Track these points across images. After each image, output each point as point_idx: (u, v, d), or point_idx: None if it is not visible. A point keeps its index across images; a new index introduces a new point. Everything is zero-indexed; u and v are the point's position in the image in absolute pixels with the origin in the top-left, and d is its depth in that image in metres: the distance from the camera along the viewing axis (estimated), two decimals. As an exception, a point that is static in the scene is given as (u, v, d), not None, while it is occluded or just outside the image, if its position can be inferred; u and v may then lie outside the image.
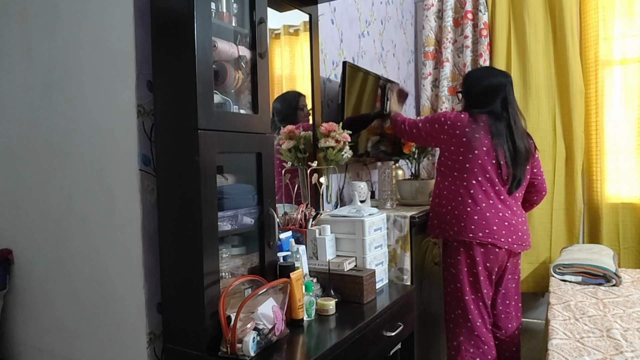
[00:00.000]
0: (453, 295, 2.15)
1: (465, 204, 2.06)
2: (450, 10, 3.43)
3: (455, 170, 2.09)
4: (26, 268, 1.75)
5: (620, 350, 1.68)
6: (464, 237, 2.05)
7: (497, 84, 2.11)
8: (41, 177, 1.66)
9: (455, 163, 2.08)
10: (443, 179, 2.16)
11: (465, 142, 2.04)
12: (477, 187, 2.05)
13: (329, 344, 1.33)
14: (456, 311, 2.14)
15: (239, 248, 1.44)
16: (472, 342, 2.10)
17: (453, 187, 2.10)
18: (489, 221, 2.04)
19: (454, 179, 2.10)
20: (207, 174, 1.25)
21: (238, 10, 1.44)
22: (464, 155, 2.06)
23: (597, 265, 2.50)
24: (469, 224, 2.04)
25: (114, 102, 1.43)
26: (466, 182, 2.07)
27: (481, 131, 2.04)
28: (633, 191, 3.03)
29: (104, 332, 1.52)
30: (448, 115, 2.10)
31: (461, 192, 2.07)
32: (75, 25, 1.52)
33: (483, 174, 2.05)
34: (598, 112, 3.08)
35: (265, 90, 1.45)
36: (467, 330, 2.11)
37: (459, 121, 2.06)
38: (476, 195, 2.05)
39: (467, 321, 2.10)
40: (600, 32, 3.04)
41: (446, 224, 2.11)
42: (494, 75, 2.17)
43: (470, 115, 2.07)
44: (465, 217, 2.05)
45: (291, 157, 1.91)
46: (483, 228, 2.03)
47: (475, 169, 2.05)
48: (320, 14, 2.28)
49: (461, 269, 2.10)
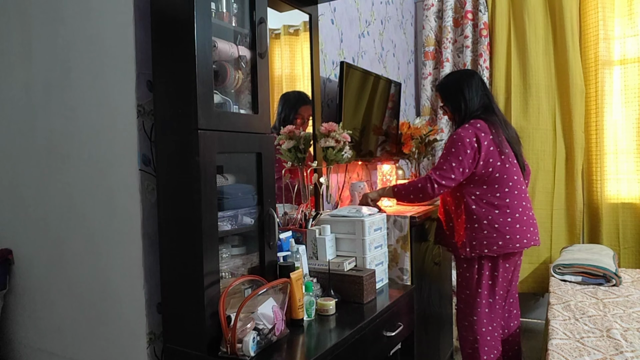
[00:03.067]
0: (467, 302, 2.17)
1: (503, 215, 2.06)
2: (450, 10, 3.43)
3: (485, 184, 2.08)
4: (26, 268, 1.75)
5: (620, 350, 1.68)
6: (510, 249, 2.06)
7: (473, 81, 2.17)
8: (41, 177, 1.66)
9: (483, 177, 2.07)
10: (469, 196, 2.09)
11: (489, 154, 2.05)
12: (509, 194, 2.07)
13: (329, 344, 1.33)
14: (472, 317, 2.15)
15: (239, 248, 1.44)
16: (487, 347, 2.14)
17: (485, 201, 2.07)
18: (527, 225, 2.09)
19: (483, 192, 2.08)
20: (207, 174, 1.25)
21: (238, 10, 1.44)
22: (492, 167, 2.06)
23: (597, 265, 2.50)
24: (513, 235, 2.05)
25: (114, 102, 1.43)
26: (499, 193, 2.07)
27: (489, 136, 2.07)
28: (633, 191, 3.03)
29: (104, 332, 1.52)
30: (465, 137, 2.04)
31: (496, 204, 2.06)
32: (75, 25, 1.52)
33: (512, 177, 2.08)
34: (598, 112, 3.08)
35: (265, 90, 1.45)
36: (481, 334, 2.14)
37: (475, 136, 2.05)
38: (511, 202, 2.07)
39: (482, 325, 2.13)
40: (600, 32, 3.03)
41: (487, 239, 2.05)
42: (465, 76, 2.21)
43: (471, 126, 2.08)
44: (509, 229, 2.05)
45: (291, 157, 1.91)
46: (524, 234, 2.07)
47: (505, 175, 2.07)
48: (320, 14, 2.28)
49: (494, 276, 2.12)
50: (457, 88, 2.17)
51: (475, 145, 2.03)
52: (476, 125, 2.08)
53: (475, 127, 2.07)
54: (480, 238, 2.06)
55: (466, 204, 2.09)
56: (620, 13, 3.05)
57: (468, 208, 2.09)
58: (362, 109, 2.49)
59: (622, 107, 3.07)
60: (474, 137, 2.04)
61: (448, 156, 2.05)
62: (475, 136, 2.04)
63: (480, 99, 2.15)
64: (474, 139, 2.04)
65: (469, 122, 2.11)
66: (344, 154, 2.00)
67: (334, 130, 1.95)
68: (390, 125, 2.89)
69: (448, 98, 2.21)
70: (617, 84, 3.08)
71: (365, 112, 2.53)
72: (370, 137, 2.63)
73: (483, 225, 2.06)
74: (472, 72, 2.26)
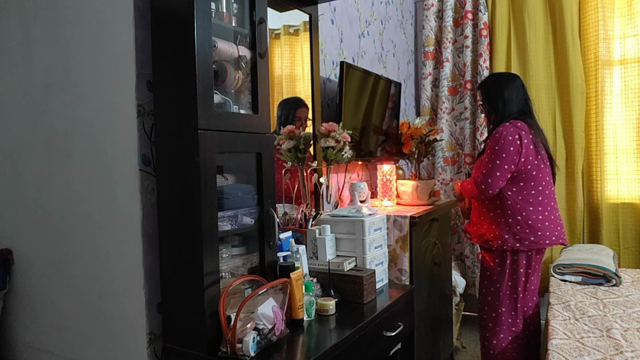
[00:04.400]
0: (495, 295, 2.29)
1: (536, 212, 2.17)
2: (450, 10, 3.43)
3: (522, 181, 2.18)
4: (26, 268, 1.75)
5: (620, 350, 1.68)
6: (541, 245, 2.18)
7: (514, 84, 2.27)
8: (41, 177, 1.66)
9: (521, 173, 2.17)
10: (505, 191, 2.20)
11: (528, 152, 2.15)
12: (542, 192, 2.19)
13: (329, 344, 1.33)
14: (500, 309, 2.27)
15: (239, 248, 1.44)
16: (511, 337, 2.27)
17: (521, 197, 2.18)
18: (555, 223, 2.21)
19: (519, 189, 2.19)
20: (207, 174, 1.25)
21: (238, 10, 1.44)
22: (531, 164, 2.17)
23: (597, 265, 2.50)
24: (544, 232, 2.17)
25: (114, 102, 1.43)
26: (534, 191, 2.18)
27: (529, 135, 2.17)
28: (633, 191, 3.03)
29: (104, 332, 1.52)
30: (507, 135, 2.15)
31: (531, 201, 2.17)
32: (75, 25, 1.52)
33: (545, 177, 2.20)
34: (598, 112, 3.08)
35: (265, 90, 1.45)
36: (507, 324, 2.27)
37: (517, 134, 2.15)
38: (543, 200, 2.19)
39: (509, 317, 2.26)
40: (600, 32, 3.03)
41: (520, 234, 2.18)
42: (506, 78, 2.32)
43: (512, 124, 2.18)
44: (540, 226, 2.17)
45: (291, 157, 1.91)
46: (553, 232, 2.19)
47: (540, 174, 2.18)
48: (320, 14, 2.28)
49: (521, 271, 2.23)
50: (497, 89, 2.28)
51: (518, 143, 2.14)
52: (516, 124, 2.19)
53: (516, 125, 2.18)
54: (514, 232, 2.18)
55: (502, 198, 2.21)
56: (620, 13, 3.05)
57: (503, 203, 2.20)
58: (362, 109, 2.49)
59: (622, 107, 3.07)
60: (516, 135, 2.15)
61: (492, 155, 2.18)
62: (517, 134, 2.15)
63: (519, 102, 2.26)
64: (517, 136, 2.14)
65: (508, 121, 2.21)
66: (344, 154, 2.00)
67: (334, 130, 1.95)
68: (390, 125, 2.89)
69: (487, 97, 2.31)
70: (617, 84, 3.08)
71: (365, 112, 2.53)
72: (370, 137, 2.63)
73: (517, 220, 2.18)
74: (515, 75, 2.35)
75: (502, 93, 2.26)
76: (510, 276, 2.25)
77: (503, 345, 2.27)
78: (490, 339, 2.32)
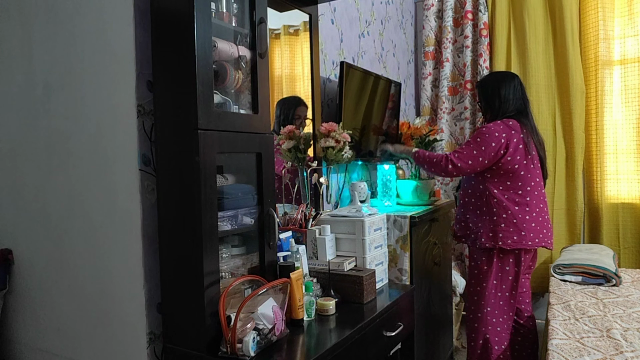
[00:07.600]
0: (481, 295, 2.26)
1: (523, 212, 2.15)
2: (450, 10, 3.43)
3: (509, 180, 2.16)
4: (26, 268, 1.75)
5: (620, 350, 1.68)
6: (523, 245, 2.14)
7: (512, 84, 2.25)
8: (41, 177, 1.66)
9: (508, 172, 2.15)
10: (492, 189, 2.19)
11: (517, 151, 2.13)
12: (530, 193, 2.16)
13: (329, 344, 1.33)
14: (485, 308, 2.24)
15: (239, 248, 1.44)
16: (497, 338, 2.24)
17: (507, 196, 2.16)
18: (542, 225, 2.18)
19: (506, 188, 2.17)
20: (207, 174, 1.25)
21: (238, 10, 1.44)
22: (519, 164, 2.14)
23: (597, 265, 2.50)
24: (529, 232, 2.14)
25: (114, 102, 1.43)
26: (522, 191, 2.16)
27: (519, 135, 2.15)
28: (633, 191, 3.03)
29: (104, 332, 1.52)
30: (494, 130, 2.14)
31: (517, 200, 2.15)
32: (75, 25, 1.52)
33: (534, 178, 2.17)
34: (598, 112, 3.08)
35: (265, 90, 1.45)
36: (492, 325, 2.24)
37: (505, 132, 2.13)
38: (531, 201, 2.16)
39: (494, 317, 2.23)
40: (600, 32, 3.04)
41: (503, 232, 2.16)
42: (504, 77, 2.29)
43: (503, 122, 2.17)
44: (526, 226, 2.14)
45: (291, 157, 1.91)
46: (538, 234, 2.16)
47: (528, 174, 2.16)
48: (320, 14, 2.28)
49: (507, 269, 2.20)
50: (494, 87, 2.27)
51: (502, 141, 2.12)
52: (508, 122, 2.17)
53: (507, 124, 2.16)
54: (498, 231, 2.16)
55: (488, 196, 2.19)
56: (620, 13, 3.05)
57: (489, 201, 2.19)
58: (362, 109, 2.49)
59: (622, 107, 3.07)
60: (503, 133, 2.13)
61: (471, 144, 2.16)
62: (505, 132, 2.13)
63: (516, 102, 2.24)
64: (503, 135, 2.12)
65: (501, 119, 2.20)
66: (344, 154, 2.00)
67: (334, 130, 1.95)
68: (390, 125, 2.89)
69: (484, 95, 2.30)
70: (617, 84, 3.08)
71: (365, 112, 2.53)
72: (370, 137, 2.63)
73: (502, 218, 2.16)
74: (514, 75, 2.33)
75: (499, 91, 2.24)
76: (496, 275, 2.21)
77: (488, 346, 2.24)
78: (476, 339, 2.29)
